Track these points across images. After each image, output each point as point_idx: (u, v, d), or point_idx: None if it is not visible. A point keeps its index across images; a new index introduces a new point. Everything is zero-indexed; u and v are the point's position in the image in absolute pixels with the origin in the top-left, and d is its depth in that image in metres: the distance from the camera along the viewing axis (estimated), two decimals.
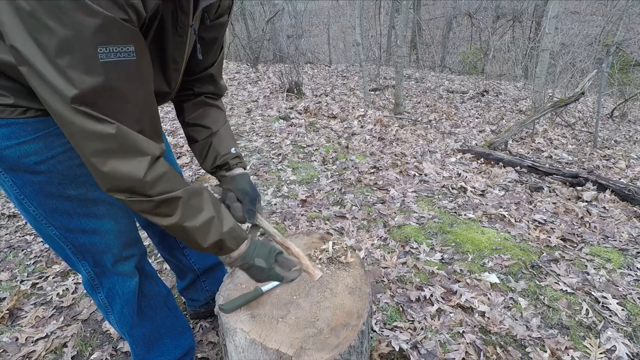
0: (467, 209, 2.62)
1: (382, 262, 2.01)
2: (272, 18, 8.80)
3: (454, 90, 7.57)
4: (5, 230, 2.34)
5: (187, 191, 0.76)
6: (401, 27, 5.45)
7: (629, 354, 1.45)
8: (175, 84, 0.92)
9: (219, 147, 1.06)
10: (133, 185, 0.69)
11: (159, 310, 1.17)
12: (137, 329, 1.13)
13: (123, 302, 1.05)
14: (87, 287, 1.03)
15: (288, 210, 2.59)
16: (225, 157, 1.06)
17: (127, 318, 1.08)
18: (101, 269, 0.99)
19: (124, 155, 0.67)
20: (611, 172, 3.71)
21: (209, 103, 1.08)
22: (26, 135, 0.77)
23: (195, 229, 0.78)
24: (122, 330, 1.12)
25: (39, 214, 0.87)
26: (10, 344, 1.51)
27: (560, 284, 1.84)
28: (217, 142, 1.06)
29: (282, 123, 4.54)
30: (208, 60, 1.01)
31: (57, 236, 0.91)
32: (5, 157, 0.78)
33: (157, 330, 1.17)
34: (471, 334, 1.54)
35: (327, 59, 12.31)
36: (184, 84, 1.02)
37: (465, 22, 13.07)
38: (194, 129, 1.07)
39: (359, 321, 0.95)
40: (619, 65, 7.72)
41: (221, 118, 1.09)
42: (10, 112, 0.75)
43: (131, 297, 1.06)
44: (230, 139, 1.09)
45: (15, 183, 0.82)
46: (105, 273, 1.00)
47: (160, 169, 0.72)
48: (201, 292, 1.52)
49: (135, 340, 1.15)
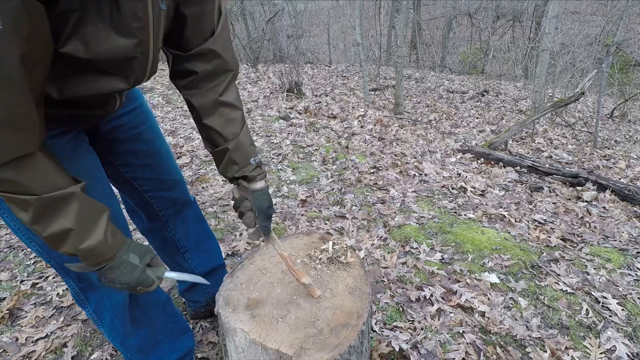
0: (467, 209, 2.62)
1: (382, 262, 2.01)
2: (272, 18, 8.80)
3: (454, 90, 7.57)
4: (5, 230, 2.34)
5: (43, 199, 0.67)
6: (401, 27, 5.45)
7: (629, 354, 1.45)
8: (150, 51, 0.75)
9: (238, 159, 0.96)
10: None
11: (157, 317, 1.16)
12: (131, 338, 1.11)
13: (112, 314, 1.03)
14: (76, 301, 1.02)
15: (288, 210, 2.59)
16: (244, 169, 0.97)
17: (118, 329, 1.07)
18: (86, 284, 0.97)
19: None
20: (611, 172, 3.71)
21: (223, 102, 0.94)
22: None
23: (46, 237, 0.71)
24: (114, 341, 1.10)
25: (20, 228, 0.85)
26: (10, 344, 1.51)
27: (560, 284, 1.84)
28: (235, 152, 0.96)
29: (282, 123, 4.54)
30: (202, 29, 0.85)
31: (39, 252, 0.89)
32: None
33: (155, 337, 1.16)
34: (471, 334, 1.54)
35: (327, 59, 12.31)
36: (182, 64, 0.89)
37: (465, 22, 13.07)
38: (208, 133, 0.96)
39: (359, 321, 0.95)
40: (619, 65, 7.72)
41: (237, 121, 0.97)
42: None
43: (121, 308, 1.04)
44: (249, 147, 0.99)
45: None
46: (92, 287, 0.98)
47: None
48: (202, 294, 1.52)
49: (129, 350, 1.13)
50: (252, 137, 4.01)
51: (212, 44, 0.88)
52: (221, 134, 0.95)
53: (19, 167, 0.64)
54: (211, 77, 0.92)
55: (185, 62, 0.89)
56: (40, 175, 0.67)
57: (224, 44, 0.90)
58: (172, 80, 0.96)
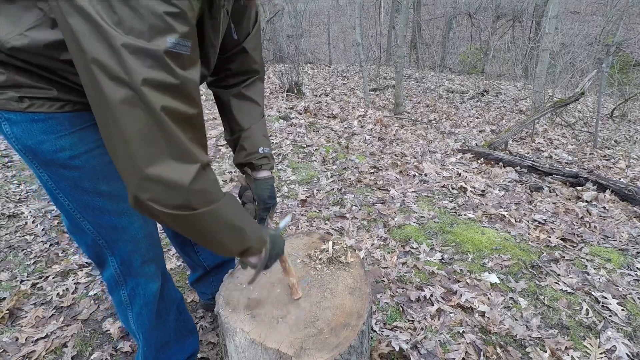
0: (467, 209, 2.62)
1: (382, 262, 2.01)
2: (272, 18, 8.80)
3: (454, 90, 7.57)
4: (5, 230, 2.34)
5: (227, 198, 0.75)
6: (401, 27, 5.45)
7: (629, 354, 1.45)
8: (212, 65, 0.91)
9: (247, 145, 1.05)
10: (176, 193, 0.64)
11: (172, 314, 1.18)
12: (153, 332, 1.13)
13: (142, 303, 1.05)
14: (111, 282, 1.03)
15: (288, 210, 2.59)
16: (251, 156, 1.05)
17: (144, 320, 1.08)
18: (127, 268, 0.99)
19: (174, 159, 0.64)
20: (611, 172, 3.71)
21: (245, 96, 1.06)
22: (62, 130, 0.77)
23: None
24: (138, 330, 1.12)
25: (73, 207, 0.87)
26: (10, 344, 1.51)
27: (560, 284, 1.84)
28: (246, 139, 1.05)
29: (282, 123, 4.54)
30: (240, 34, 0.98)
31: (90, 230, 0.91)
32: (40, 152, 0.78)
33: (168, 334, 1.18)
34: (471, 334, 1.54)
35: (327, 59, 12.31)
36: (219, 63, 1.01)
37: (465, 22, 13.06)
38: (229, 122, 1.07)
39: (359, 321, 0.95)
40: (619, 65, 7.72)
41: (256, 114, 1.07)
42: (49, 105, 0.74)
43: (151, 299, 1.06)
44: (261, 138, 1.07)
45: (50, 177, 0.82)
46: (131, 273, 1.00)
47: (209, 177, 0.69)
48: (209, 287, 1.57)
49: (149, 343, 1.15)
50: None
51: (246, 44, 1.00)
52: (238, 123, 1.05)
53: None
54: (240, 74, 1.05)
55: (218, 62, 0.99)
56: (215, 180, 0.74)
57: (255, 46, 1.03)
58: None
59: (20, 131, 0.75)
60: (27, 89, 0.72)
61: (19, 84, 0.72)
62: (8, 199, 2.72)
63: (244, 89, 1.06)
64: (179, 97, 0.61)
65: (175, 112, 0.61)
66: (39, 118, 0.74)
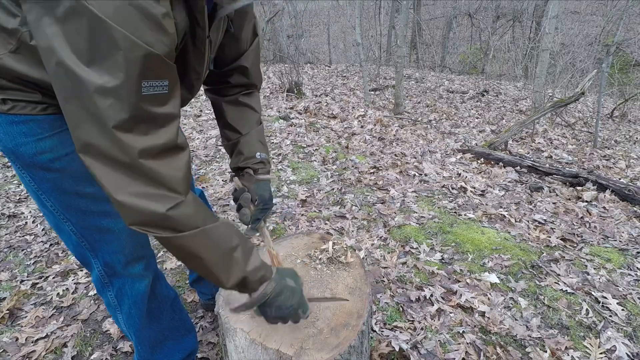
0: (467, 209, 2.62)
1: (382, 262, 2.01)
2: (272, 18, 8.79)
3: (454, 90, 7.57)
4: (5, 230, 2.34)
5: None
6: (401, 27, 5.45)
7: (629, 354, 1.45)
8: (197, 90, 0.92)
9: (245, 150, 1.07)
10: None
11: (166, 312, 1.18)
12: (145, 330, 1.13)
13: (131, 303, 1.05)
14: (98, 284, 1.04)
15: (288, 210, 2.59)
16: (248, 161, 1.07)
17: (134, 319, 1.08)
18: (112, 269, 0.99)
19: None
20: (611, 172, 3.71)
21: (242, 103, 1.08)
22: (42, 133, 0.77)
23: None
24: (129, 330, 1.12)
25: (56, 209, 0.87)
26: (10, 344, 1.51)
27: (560, 284, 1.84)
28: (244, 145, 1.07)
29: (282, 123, 4.54)
30: (236, 51, 1.01)
31: (74, 232, 0.92)
32: (21, 154, 0.78)
33: (162, 332, 1.18)
34: (471, 334, 1.54)
35: (327, 59, 12.30)
36: (218, 76, 1.04)
37: (465, 22, 13.07)
38: (226, 130, 1.09)
39: (359, 321, 0.95)
40: (619, 65, 7.72)
41: (253, 120, 1.09)
42: (32, 108, 0.75)
43: (139, 299, 1.06)
44: (258, 144, 1.09)
45: (32, 179, 0.83)
46: (116, 274, 1.00)
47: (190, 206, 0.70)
48: (209, 287, 1.59)
49: (142, 342, 1.15)
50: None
51: (244, 60, 1.03)
52: (236, 130, 1.07)
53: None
54: (238, 87, 1.08)
55: (216, 76, 1.04)
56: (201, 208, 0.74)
57: (254, 61, 1.06)
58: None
59: (2, 133, 0.75)
60: (11, 92, 0.73)
61: (2, 86, 0.72)
62: (8, 199, 2.73)
63: (241, 97, 1.08)
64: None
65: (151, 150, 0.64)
66: (19, 120, 0.74)
